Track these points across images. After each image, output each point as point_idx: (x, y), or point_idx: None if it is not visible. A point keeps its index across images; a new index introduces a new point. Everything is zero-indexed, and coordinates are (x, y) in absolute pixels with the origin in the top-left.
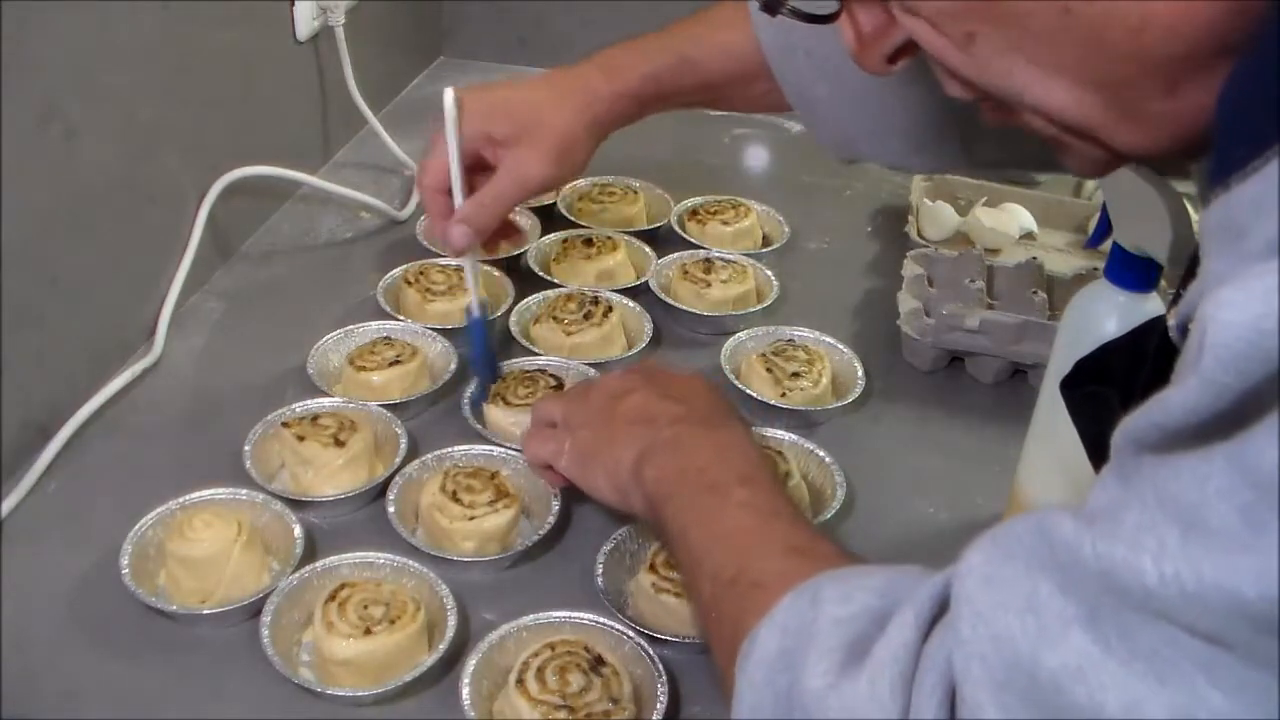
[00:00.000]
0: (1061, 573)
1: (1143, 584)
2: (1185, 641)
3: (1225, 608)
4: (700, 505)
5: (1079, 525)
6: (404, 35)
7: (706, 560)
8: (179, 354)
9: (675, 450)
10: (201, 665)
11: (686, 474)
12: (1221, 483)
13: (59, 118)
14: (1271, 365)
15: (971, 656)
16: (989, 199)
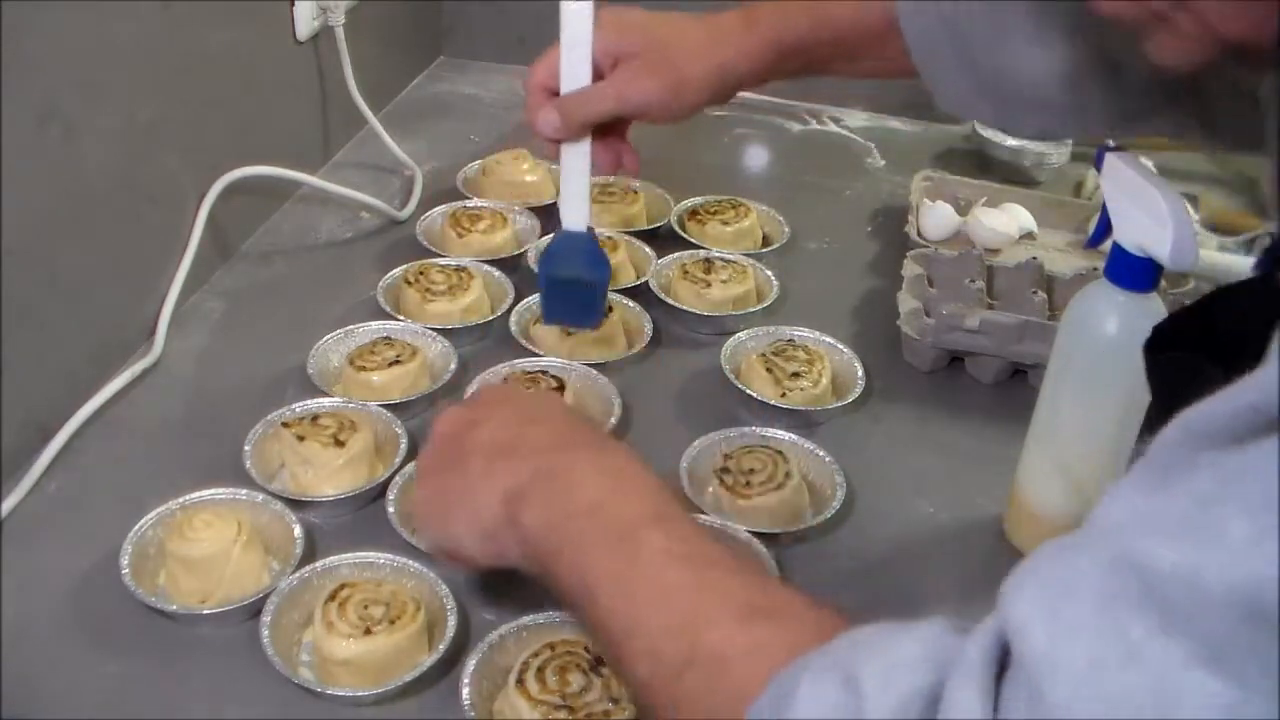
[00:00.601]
0: (1153, 606)
1: (1272, 599)
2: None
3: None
4: (607, 558)
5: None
6: (404, 35)
7: (638, 634)
8: (179, 354)
9: (553, 484)
10: (201, 665)
11: (575, 516)
12: None
13: (59, 118)
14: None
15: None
16: (989, 199)
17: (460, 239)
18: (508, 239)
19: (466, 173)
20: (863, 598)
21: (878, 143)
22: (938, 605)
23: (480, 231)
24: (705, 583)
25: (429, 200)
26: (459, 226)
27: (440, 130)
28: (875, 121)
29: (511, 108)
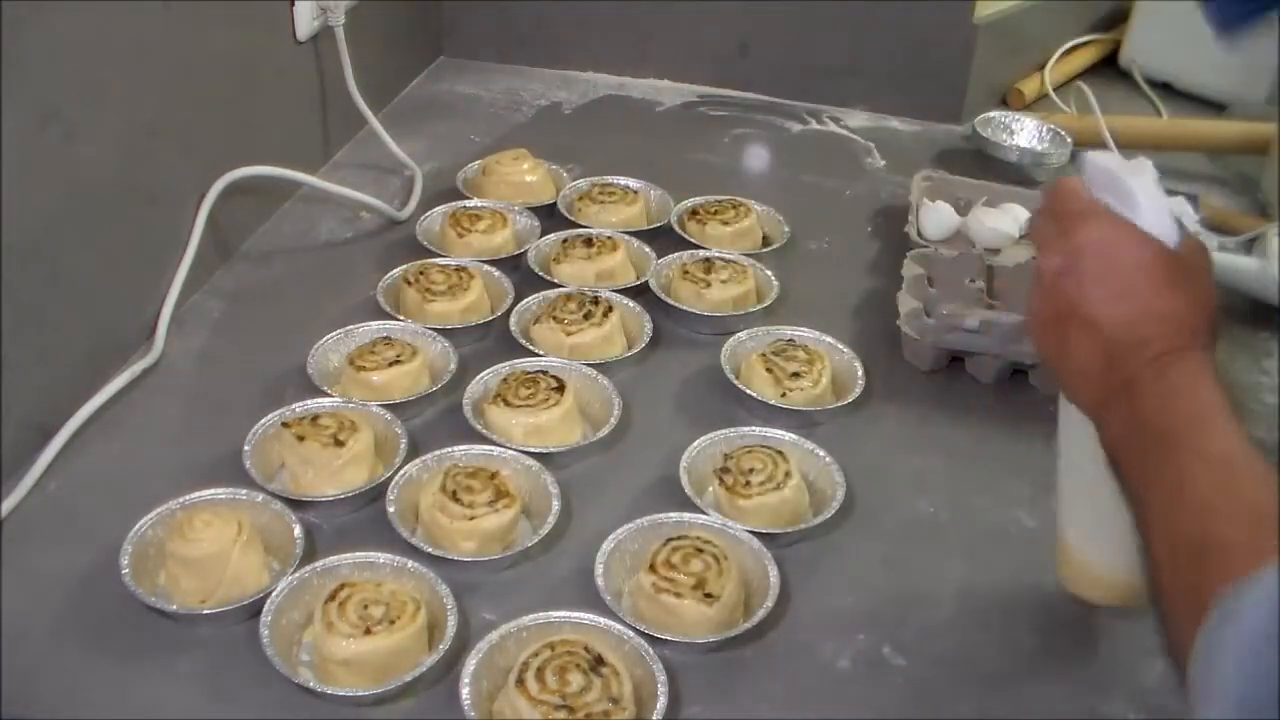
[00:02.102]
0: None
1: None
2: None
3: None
4: (1154, 460)
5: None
6: (404, 35)
7: (1159, 516)
8: (179, 354)
9: (1160, 381)
10: (201, 665)
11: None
12: None
13: (59, 118)
14: None
15: None
16: (989, 199)
17: (460, 239)
18: (508, 239)
19: (466, 173)
20: (863, 597)
21: (878, 143)
22: (938, 605)
23: (480, 231)
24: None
25: (429, 200)
26: (459, 226)
27: (440, 130)
28: (875, 121)
29: (511, 108)
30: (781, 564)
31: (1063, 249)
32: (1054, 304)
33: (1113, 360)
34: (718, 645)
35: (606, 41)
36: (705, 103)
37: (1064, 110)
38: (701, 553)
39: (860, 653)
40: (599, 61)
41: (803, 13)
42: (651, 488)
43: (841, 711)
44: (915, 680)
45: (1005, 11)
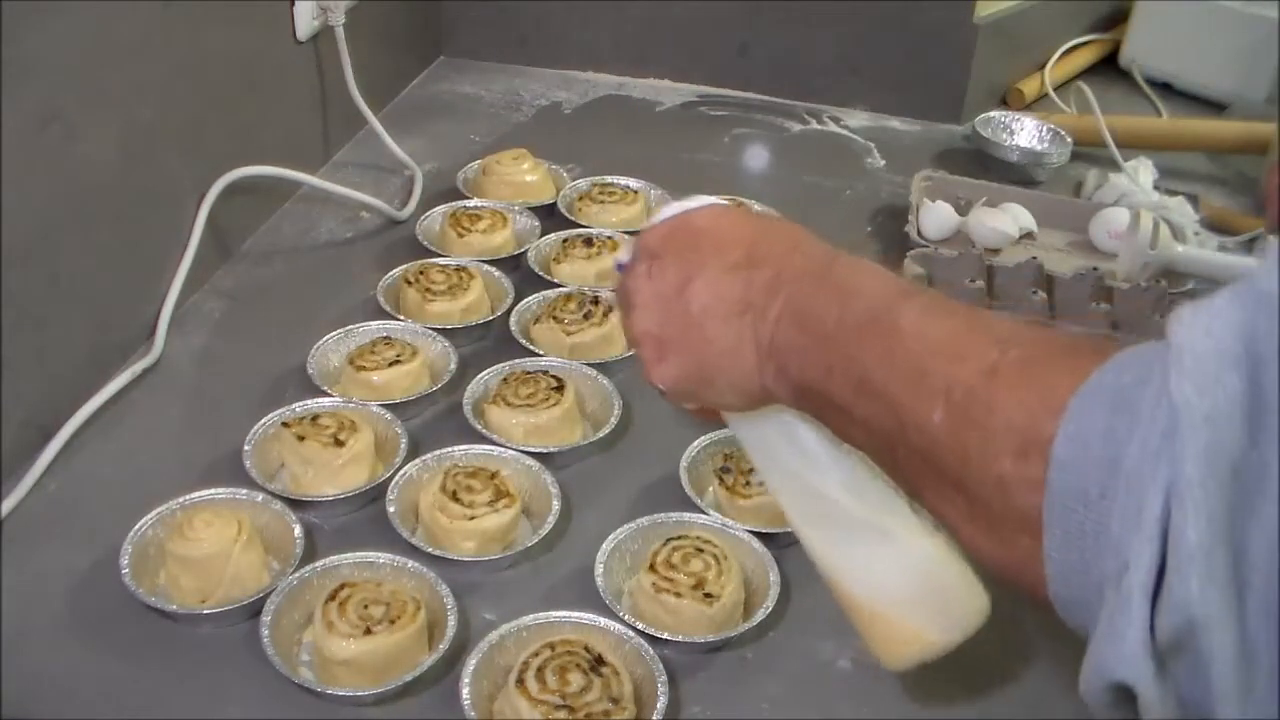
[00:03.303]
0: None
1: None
2: None
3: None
4: (866, 349)
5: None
6: (404, 35)
7: (921, 383)
8: (179, 354)
9: (800, 324)
10: (201, 665)
11: (829, 338)
12: None
13: (59, 118)
14: None
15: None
16: (989, 199)
17: (460, 239)
18: (508, 239)
19: (466, 173)
20: None
21: (878, 143)
22: None
23: (480, 231)
24: (977, 321)
25: (429, 200)
26: (459, 226)
27: (440, 130)
28: (875, 121)
29: (511, 108)
30: (781, 564)
31: (641, 263)
32: (657, 291)
33: (751, 304)
34: (718, 645)
35: (606, 41)
36: (705, 103)
37: (1064, 110)
38: (701, 553)
39: (860, 653)
40: (599, 61)
41: (803, 13)
42: (651, 488)
43: (841, 711)
44: (915, 680)
45: (1005, 11)
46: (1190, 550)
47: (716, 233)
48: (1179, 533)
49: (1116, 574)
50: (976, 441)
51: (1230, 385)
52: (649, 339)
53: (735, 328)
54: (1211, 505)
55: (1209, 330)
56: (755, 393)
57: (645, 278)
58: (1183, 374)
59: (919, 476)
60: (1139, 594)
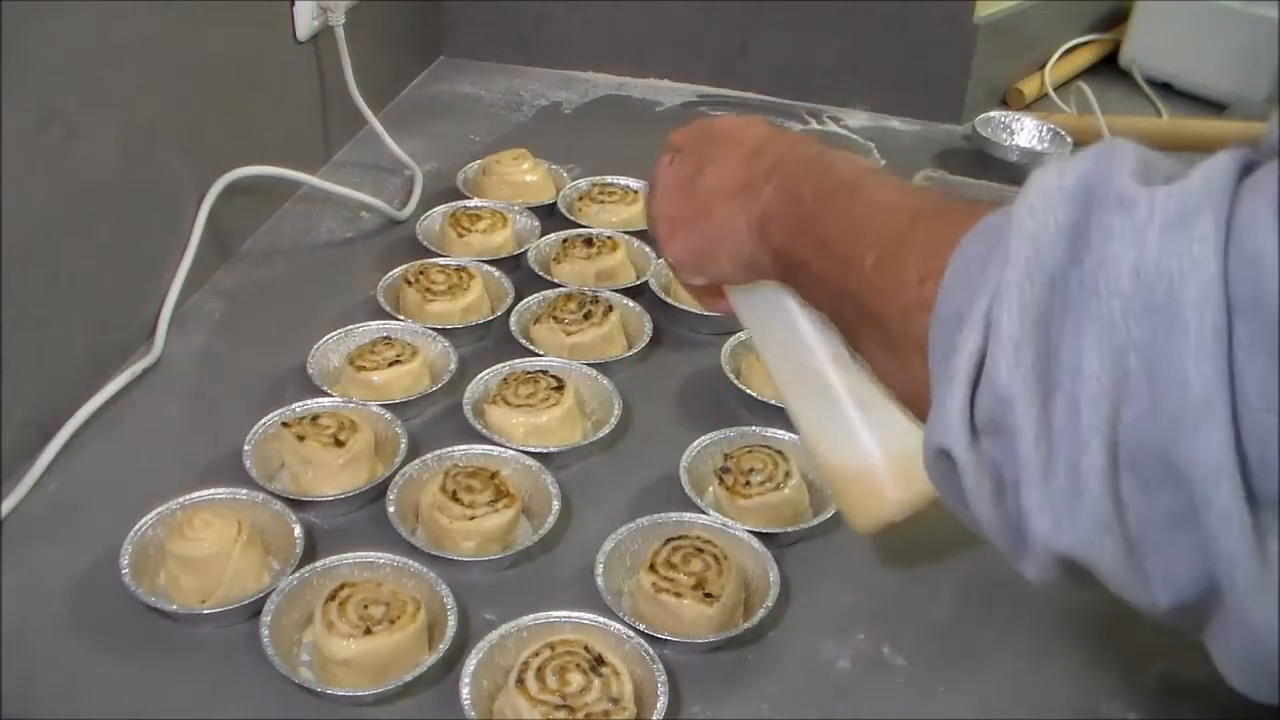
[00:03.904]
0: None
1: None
2: None
3: None
4: (829, 212)
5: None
6: (404, 35)
7: (862, 233)
8: (179, 354)
9: (786, 199)
10: (201, 665)
11: (806, 206)
12: None
13: (59, 118)
14: None
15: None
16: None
17: (460, 239)
18: (508, 239)
19: (466, 173)
20: (863, 597)
21: (878, 143)
22: (938, 605)
23: (480, 231)
24: (924, 191)
25: (429, 200)
26: (459, 226)
27: (440, 130)
28: (875, 121)
29: (511, 108)
30: (781, 564)
31: (668, 155)
32: (676, 178)
33: (750, 184)
34: (718, 645)
35: (606, 41)
36: (705, 103)
37: (1064, 110)
38: (701, 553)
39: (860, 653)
40: (599, 61)
41: (803, 13)
42: (651, 488)
43: (841, 711)
44: (915, 680)
45: (1005, 11)
46: (1003, 339)
47: (734, 132)
48: (997, 324)
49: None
50: (894, 278)
51: (1062, 213)
52: (663, 219)
53: (734, 204)
54: (1025, 305)
55: (1061, 171)
56: (748, 262)
57: (666, 167)
58: (1024, 201)
59: (856, 323)
60: (961, 373)
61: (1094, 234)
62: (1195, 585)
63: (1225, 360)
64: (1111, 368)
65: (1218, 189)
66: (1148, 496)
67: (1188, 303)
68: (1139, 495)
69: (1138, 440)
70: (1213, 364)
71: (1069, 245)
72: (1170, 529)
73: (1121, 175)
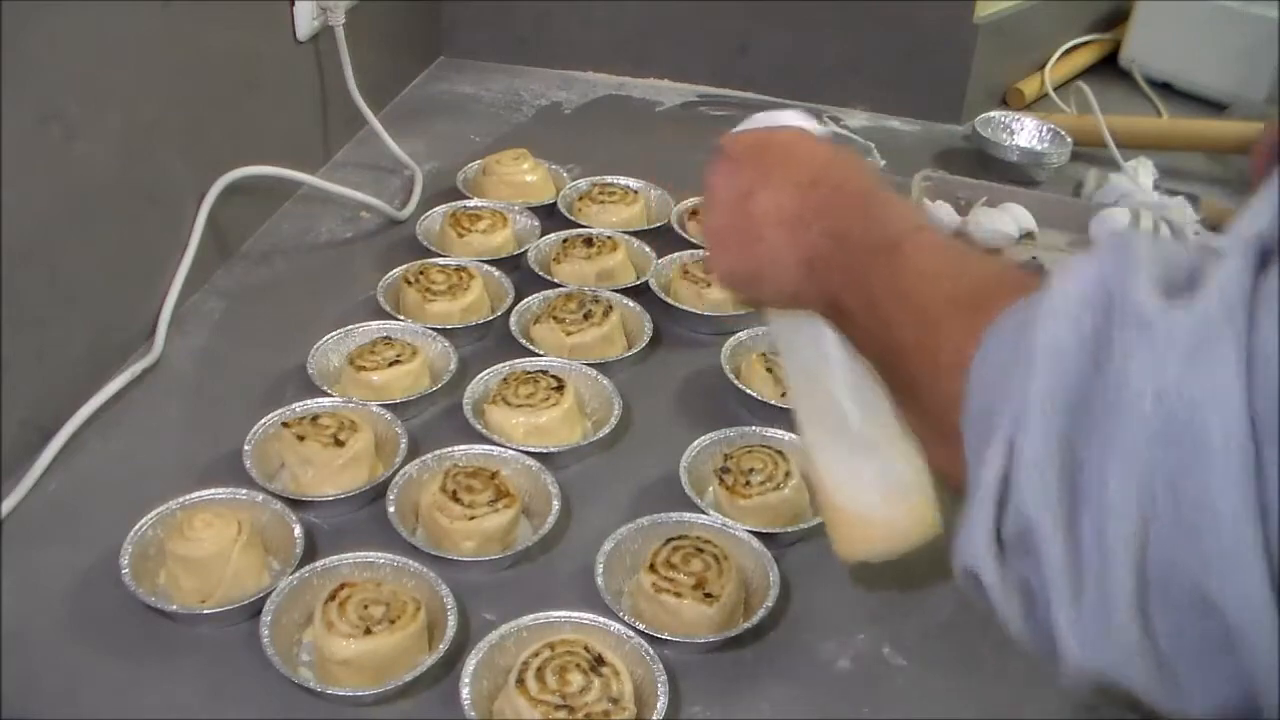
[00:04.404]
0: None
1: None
2: None
3: None
4: (875, 269)
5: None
6: (404, 35)
7: (906, 303)
8: (179, 354)
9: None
10: (201, 665)
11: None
12: None
13: (59, 118)
14: None
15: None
16: (989, 199)
17: (460, 239)
18: (508, 239)
19: (466, 173)
20: (863, 597)
21: (878, 143)
22: (939, 605)
23: (480, 231)
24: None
25: (429, 200)
26: (459, 226)
27: (440, 130)
28: (875, 121)
29: (511, 108)
30: (781, 564)
31: (743, 174)
32: (730, 193)
33: (802, 218)
34: (718, 645)
35: (606, 41)
36: (705, 103)
37: (1064, 110)
38: (701, 553)
39: (860, 653)
40: (599, 61)
41: (803, 13)
42: (651, 488)
43: (841, 711)
44: (915, 680)
45: (1005, 11)
46: (1026, 463)
47: (792, 153)
48: (1020, 447)
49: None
50: (930, 362)
51: (1083, 325)
52: (714, 234)
53: (784, 235)
54: (1048, 426)
55: (1080, 274)
56: (792, 295)
57: (722, 176)
58: (1046, 313)
59: (898, 384)
60: (988, 495)
61: (1115, 350)
62: (1234, 701)
63: (1254, 490)
64: (1138, 494)
65: (1234, 305)
66: (1180, 622)
67: (1212, 432)
68: (1171, 620)
69: (1168, 569)
70: (1240, 494)
71: (1091, 361)
72: (1206, 652)
73: (1139, 286)
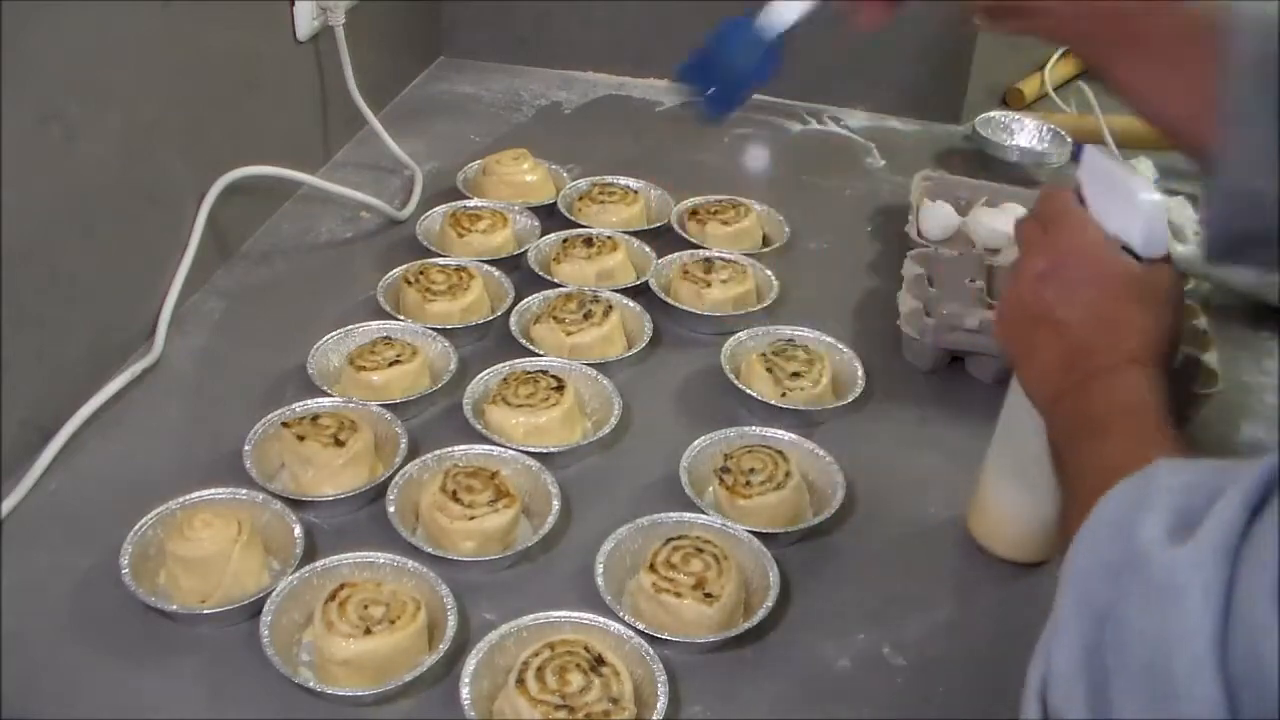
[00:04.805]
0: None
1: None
2: None
3: None
4: (1087, 447)
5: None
6: (404, 35)
7: (1084, 486)
8: (179, 354)
9: (1070, 398)
10: (201, 665)
11: (1074, 424)
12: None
13: (59, 118)
14: None
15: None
16: (989, 199)
17: (460, 239)
18: (508, 239)
19: (466, 173)
20: (863, 597)
21: (878, 143)
22: (938, 605)
23: (480, 231)
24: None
25: (429, 200)
26: (459, 226)
27: (440, 130)
28: (875, 121)
29: (511, 108)
30: (781, 564)
31: (1046, 252)
32: (1031, 303)
33: (1072, 362)
34: (718, 645)
35: (606, 41)
36: None
37: (1064, 110)
38: (701, 553)
39: (860, 653)
40: (599, 61)
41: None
42: (651, 488)
43: (841, 711)
44: (915, 680)
45: None
46: (1056, 674)
47: (1086, 275)
48: (1054, 659)
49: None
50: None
51: (1106, 553)
52: (1005, 341)
53: (1051, 355)
54: (1073, 642)
55: (1111, 501)
56: (1033, 387)
57: (1026, 282)
58: (1080, 539)
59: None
60: (1033, 692)
61: (1122, 584)
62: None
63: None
64: (1138, 713)
65: (1218, 549)
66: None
67: (1178, 672)
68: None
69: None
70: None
71: (1107, 589)
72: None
73: (1150, 524)
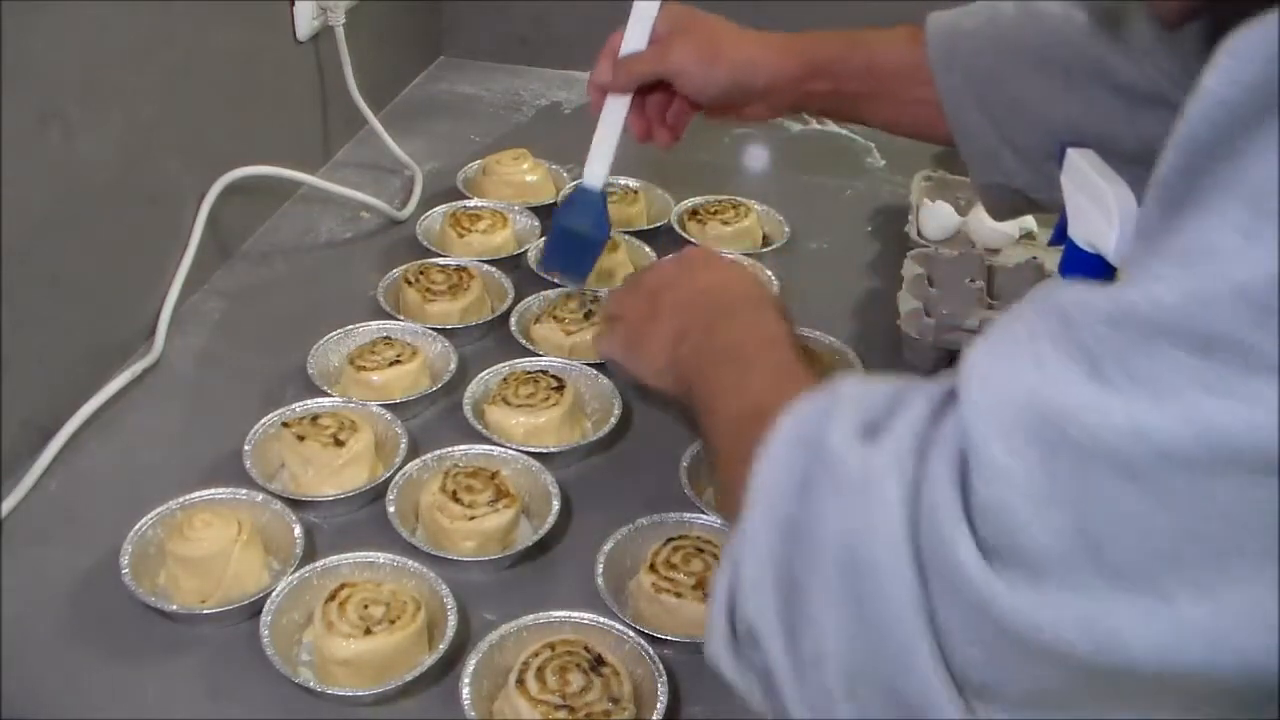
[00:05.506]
0: (1064, 329)
1: (1142, 307)
2: (1184, 361)
3: (1226, 302)
4: (725, 378)
5: (1078, 288)
6: (404, 35)
7: (732, 423)
8: (179, 354)
9: (709, 334)
10: (201, 665)
11: (715, 352)
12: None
13: (59, 118)
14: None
15: (979, 414)
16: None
17: (460, 239)
18: (508, 239)
19: (466, 173)
20: None
21: (878, 143)
22: None
23: (480, 231)
24: (788, 378)
25: (429, 200)
26: (459, 226)
27: (440, 130)
28: None
29: (511, 108)
30: None
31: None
32: (641, 303)
33: (685, 332)
34: None
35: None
36: None
37: None
38: (701, 553)
39: None
40: None
41: (803, 13)
42: (651, 488)
43: None
44: None
45: None
46: (744, 581)
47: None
48: (740, 569)
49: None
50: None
51: (794, 462)
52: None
53: (663, 331)
54: (761, 552)
55: (794, 417)
56: (656, 373)
57: (652, 274)
58: (764, 454)
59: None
60: (720, 603)
61: (814, 487)
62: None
63: (923, 605)
64: (835, 614)
65: (905, 449)
66: (885, 711)
67: (880, 562)
68: (877, 708)
69: (869, 672)
70: (912, 610)
71: (796, 498)
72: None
73: (836, 429)
